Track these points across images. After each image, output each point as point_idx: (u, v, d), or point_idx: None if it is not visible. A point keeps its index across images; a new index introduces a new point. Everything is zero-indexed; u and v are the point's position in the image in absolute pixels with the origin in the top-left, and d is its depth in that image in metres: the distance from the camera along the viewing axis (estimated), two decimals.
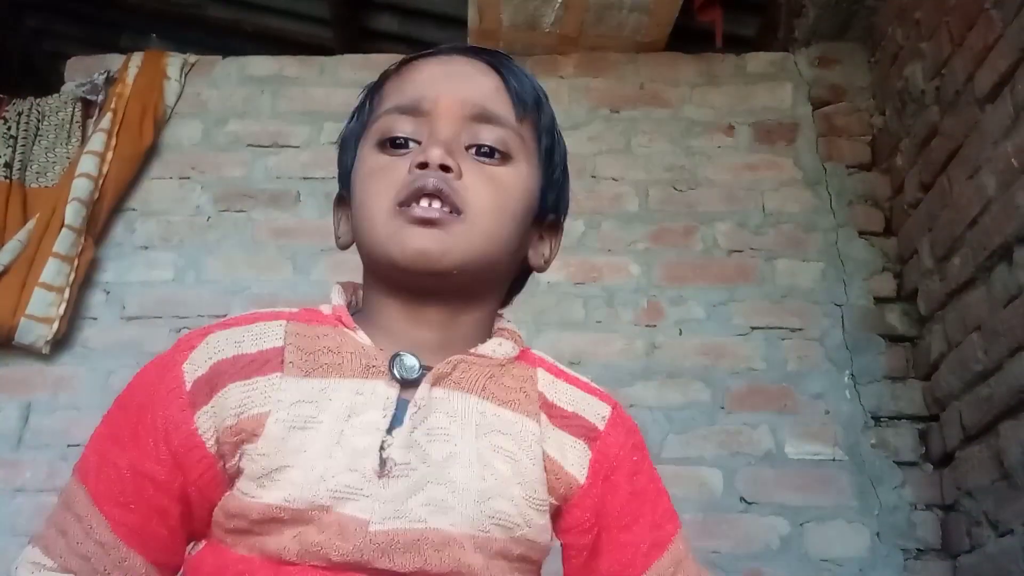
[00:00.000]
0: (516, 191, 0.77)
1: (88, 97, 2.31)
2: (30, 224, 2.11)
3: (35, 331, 2.03)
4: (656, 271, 2.15)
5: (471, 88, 0.77)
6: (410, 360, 0.71)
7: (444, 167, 0.72)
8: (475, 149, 0.75)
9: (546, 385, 0.77)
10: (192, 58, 2.43)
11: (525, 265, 0.84)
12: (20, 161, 2.22)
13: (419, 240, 0.71)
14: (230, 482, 0.69)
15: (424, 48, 0.82)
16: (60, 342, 2.08)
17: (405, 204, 0.72)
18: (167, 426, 0.69)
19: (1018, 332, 1.57)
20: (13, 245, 2.08)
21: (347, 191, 0.81)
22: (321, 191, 2.24)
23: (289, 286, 2.17)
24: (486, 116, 0.76)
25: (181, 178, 2.30)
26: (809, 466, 1.95)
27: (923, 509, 1.91)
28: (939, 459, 1.92)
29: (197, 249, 2.21)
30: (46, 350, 2.06)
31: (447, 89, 0.77)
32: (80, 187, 2.12)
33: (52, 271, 2.05)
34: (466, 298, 0.77)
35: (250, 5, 2.86)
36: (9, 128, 2.26)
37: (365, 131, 0.80)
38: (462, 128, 0.75)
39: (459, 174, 0.73)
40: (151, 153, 2.30)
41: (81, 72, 2.38)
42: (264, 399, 0.69)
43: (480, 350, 0.75)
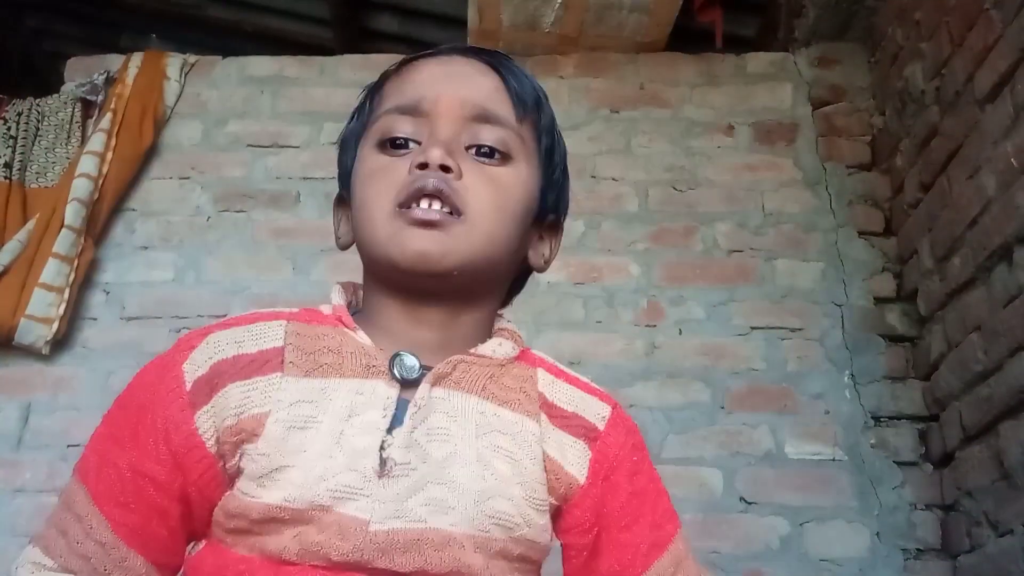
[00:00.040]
0: (516, 191, 0.77)
1: (88, 97, 2.31)
2: (30, 224, 2.11)
3: (35, 331, 2.03)
4: (656, 271, 2.15)
5: (471, 88, 0.77)
6: (410, 360, 0.71)
7: (444, 167, 0.72)
8: (475, 149, 0.75)
9: (546, 385, 0.78)
10: (192, 58, 2.43)
11: (525, 265, 0.84)
12: (20, 161, 2.22)
13: (419, 242, 0.71)
14: (230, 482, 0.69)
15: (424, 48, 0.82)
16: (60, 342, 2.08)
17: (405, 205, 0.72)
18: (167, 426, 0.69)
19: (1018, 332, 1.57)
20: (13, 245, 2.08)
21: (347, 191, 0.81)
22: (321, 191, 2.24)
23: (289, 286, 2.16)
24: (486, 116, 0.76)
25: (181, 178, 2.30)
26: (809, 466, 1.95)
27: (923, 509, 1.91)
28: (939, 459, 1.92)
29: (197, 249, 2.21)
30: (46, 350, 2.06)
31: (447, 89, 0.77)
32: (80, 187, 2.12)
33: (52, 271, 2.05)
34: (466, 298, 0.77)
35: (250, 5, 2.86)
36: (9, 128, 2.26)
37: (365, 131, 0.80)
38: (462, 128, 0.75)
39: (459, 174, 0.73)
40: (151, 153, 2.30)
41: (81, 72, 2.38)
42: (264, 399, 0.69)
43: (480, 350, 0.75)
